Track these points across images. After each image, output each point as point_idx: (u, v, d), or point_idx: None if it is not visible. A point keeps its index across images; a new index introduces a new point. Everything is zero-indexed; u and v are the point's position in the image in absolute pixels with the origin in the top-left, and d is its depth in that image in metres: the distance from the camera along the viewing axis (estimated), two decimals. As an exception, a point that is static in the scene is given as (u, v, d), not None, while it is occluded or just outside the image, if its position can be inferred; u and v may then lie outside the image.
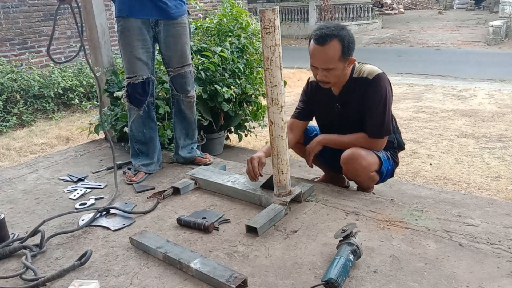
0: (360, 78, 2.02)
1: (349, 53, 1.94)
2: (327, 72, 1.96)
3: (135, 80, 2.34)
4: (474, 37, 12.14)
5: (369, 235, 1.72)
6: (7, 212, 2.15)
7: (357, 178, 2.14)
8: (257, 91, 3.40)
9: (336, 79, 2.01)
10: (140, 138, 2.49)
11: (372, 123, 2.02)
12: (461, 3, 19.73)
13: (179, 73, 2.45)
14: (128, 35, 2.27)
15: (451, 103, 5.78)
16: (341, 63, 1.94)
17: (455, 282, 1.41)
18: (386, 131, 2.03)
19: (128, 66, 2.33)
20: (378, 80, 1.98)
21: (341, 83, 2.06)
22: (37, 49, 6.72)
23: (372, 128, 2.03)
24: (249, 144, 4.28)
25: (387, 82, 2.01)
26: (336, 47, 1.90)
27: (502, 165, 3.49)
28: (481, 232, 1.69)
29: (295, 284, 1.45)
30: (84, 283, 1.48)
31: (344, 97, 2.09)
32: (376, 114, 2.00)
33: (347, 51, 1.92)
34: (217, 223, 1.89)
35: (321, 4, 15.13)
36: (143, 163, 2.50)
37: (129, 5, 2.23)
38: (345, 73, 2.01)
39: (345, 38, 1.90)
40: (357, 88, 2.03)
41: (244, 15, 3.39)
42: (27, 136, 5.10)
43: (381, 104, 1.99)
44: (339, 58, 1.92)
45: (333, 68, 1.94)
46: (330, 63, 1.92)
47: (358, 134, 2.06)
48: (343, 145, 2.09)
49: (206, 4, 9.21)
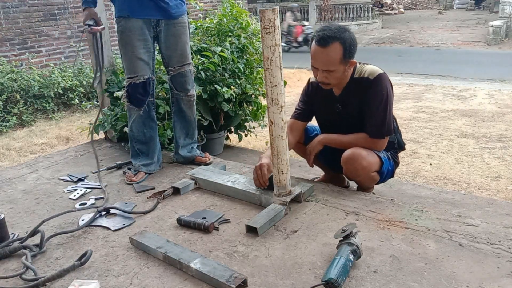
0: (361, 78, 2.02)
1: (351, 56, 1.94)
2: (327, 73, 1.96)
3: (137, 80, 2.33)
4: (474, 37, 12.14)
5: (369, 235, 1.72)
6: (7, 212, 2.15)
7: (357, 178, 2.14)
8: (257, 91, 3.40)
9: (336, 81, 2.01)
10: (140, 138, 2.48)
11: (373, 123, 2.02)
12: (461, 3, 19.73)
13: (179, 72, 2.45)
14: (129, 35, 2.27)
15: (451, 103, 5.78)
16: (342, 65, 1.94)
17: (455, 282, 1.41)
18: (387, 131, 2.03)
19: (129, 66, 2.33)
20: (379, 80, 1.98)
21: (342, 84, 2.06)
22: (37, 49, 6.72)
23: (373, 128, 2.03)
24: (249, 144, 4.28)
25: (388, 82, 2.01)
26: (338, 49, 1.89)
27: (502, 165, 3.49)
28: (481, 232, 1.69)
29: (295, 284, 1.45)
30: (84, 283, 1.48)
31: (345, 98, 2.09)
32: (377, 114, 2.00)
33: (348, 54, 1.92)
34: (217, 223, 1.89)
35: (321, 4, 15.14)
36: (143, 163, 2.50)
37: (130, 5, 2.23)
38: (345, 75, 2.01)
39: (347, 41, 1.89)
40: (358, 89, 2.02)
41: (244, 15, 3.39)
42: (27, 136, 5.10)
43: (382, 104, 1.99)
44: (340, 61, 1.91)
45: (333, 70, 1.94)
46: (331, 65, 1.92)
47: (359, 134, 2.06)
48: (343, 144, 2.09)
49: (206, 4, 9.21)
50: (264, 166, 2.03)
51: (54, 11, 6.90)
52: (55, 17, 6.93)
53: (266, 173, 2.02)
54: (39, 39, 6.77)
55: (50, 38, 6.90)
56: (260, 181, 2.04)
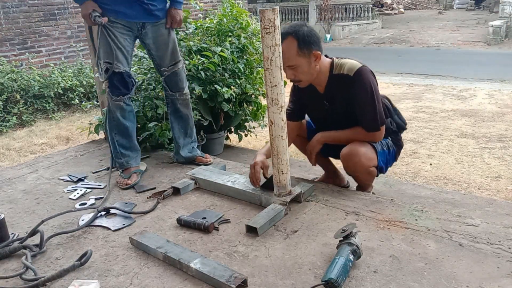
0: (341, 75, 2.01)
1: (308, 47, 1.93)
2: (293, 70, 1.97)
3: (116, 68, 2.25)
4: (474, 37, 12.14)
5: (369, 235, 1.72)
6: (7, 212, 2.15)
7: (356, 173, 2.16)
8: (257, 91, 3.40)
9: (306, 77, 2.01)
10: (121, 129, 2.40)
11: (366, 118, 2.03)
12: (461, 3, 19.73)
13: (173, 71, 2.44)
14: (111, 26, 2.21)
15: (451, 103, 5.78)
16: (302, 58, 1.94)
17: (455, 282, 1.41)
18: (381, 122, 2.04)
19: (107, 52, 2.23)
20: (359, 76, 1.97)
21: (320, 80, 2.06)
22: (37, 49, 6.72)
23: (367, 123, 2.03)
24: (249, 144, 4.28)
25: (369, 73, 2.00)
26: (291, 43, 1.91)
27: (502, 165, 3.49)
28: (481, 232, 1.69)
29: (295, 284, 1.45)
30: (84, 283, 1.48)
31: (330, 95, 2.09)
32: (367, 109, 2.00)
33: (303, 45, 1.92)
34: (217, 223, 1.89)
35: (321, 4, 15.13)
36: (128, 157, 2.44)
37: (116, 6, 2.19)
38: (315, 69, 2.00)
39: (299, 33, 1.91)
40: (341, 85, 2.02)
41: (244, 15, 3.39)
42: (27, 136, 5.10)
43: (368, 99, 1.99)
44: (297, 53, 1.92)
45: (295, 65, 1.95)
46: (290, 60, 1.93)
47: (356, 129, 2.07)
48: (342, 141, 2.10)
49: (206, 4, 9.21)
50: (257, 164, 2.06)
51: (54, 11, 6.91)
52: (55, 17, 6.93)
53: (259, 170, 2.05)
54: (39, 39, 6.77)
55: (50, 38, 6.90)
56: (253, 180, 2.06)
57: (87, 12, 2.15)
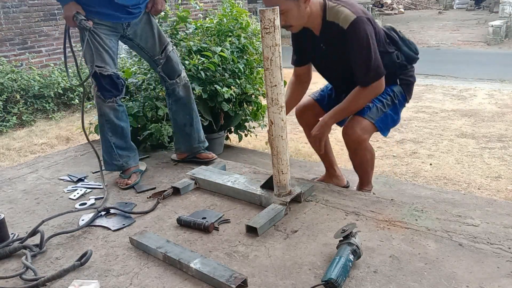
0: (336, 24, 1.98)
1: None
2: (283, 15, 1.94)
3: (105, 72, 2.23)
4: (474, 37, 12.14)
5: (369, 235, 1.72)
6: (7, 212, 2.16)
7: (354, 146, 2.17)
8: (257, 91, 3.40)
9: (297, 21, 2.00)
10: (117, 130, 2.38)
11: (362, 72, 2.00)
12: (461, 3, 19.72)
13: (167, 57, 2.41)
14: (96, 28, 2.18)
15: (451, 103, 5.78)
16: (291, 1, 1.93)
17: (455, 282, 1.41)
18: (377, 74, 2.01)
19: (95, 55, 2.19)
20: (353, 27, 1.94)
21: (314, 24, 2.04)
22: (37, 49, 6.72)
23: (362, 78, 2.02)
24: (249, 144, 4.28)
25: (364, 24, 1.94)
26: None
27: (502, 165, 3.49)
28: (481, 232, 1.69)
29: (295, 284, 1.45)
30: (84, 283, 1.48)
31: (325, 38, 2.08)
32: (361, 62, 1.98)
33: None
34: (217, 223, 1.89)
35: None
36: (127, 157, 2.43)
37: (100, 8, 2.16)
38: (305, 12, 1.97)
39: None
40: (336, 33, 2.00)
41: (244, 15, 3.39)
42: (27, 136, 5.10)
43: (363, 54, 1.96)
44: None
45: (284, 9, 1.93)
46: (279, 3, 1.88)
47: (353, 92, 2.06)
48: (345, 112, 2.12)
49: (206, 4, 9.21)
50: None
51: (54, 11, 6.91)
52: (55, 17, 6.93)
53: None
54: (39, 39, 6.77)
55: (50, 38, 6.90)
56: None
57: (71, 14, 2.10)
